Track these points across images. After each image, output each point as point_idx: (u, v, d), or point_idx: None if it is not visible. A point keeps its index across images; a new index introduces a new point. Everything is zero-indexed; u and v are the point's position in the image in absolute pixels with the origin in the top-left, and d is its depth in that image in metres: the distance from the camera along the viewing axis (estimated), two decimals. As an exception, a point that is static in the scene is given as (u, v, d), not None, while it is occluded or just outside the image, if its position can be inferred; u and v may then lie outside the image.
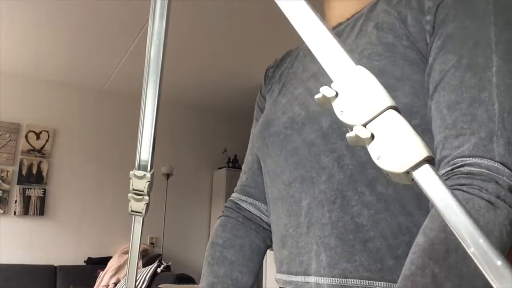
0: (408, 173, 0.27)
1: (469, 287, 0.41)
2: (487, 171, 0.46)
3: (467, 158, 0.47)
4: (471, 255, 0.24)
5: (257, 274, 0.75)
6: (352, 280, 0.55)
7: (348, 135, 0.30)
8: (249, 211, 0.77)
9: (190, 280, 3.29)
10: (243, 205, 0.78)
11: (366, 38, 0.61)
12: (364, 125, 0.29)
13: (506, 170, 0.46)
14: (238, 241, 0.74)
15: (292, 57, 0.79)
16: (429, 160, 0.27)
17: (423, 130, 0.54)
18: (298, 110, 0.64)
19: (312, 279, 0.59)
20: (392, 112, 0.29)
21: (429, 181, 0.27)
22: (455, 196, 0.26)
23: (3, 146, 3.94)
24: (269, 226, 0.77)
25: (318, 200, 0.59)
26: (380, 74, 0.55)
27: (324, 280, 0.57)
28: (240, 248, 0.74)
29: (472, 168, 0.46)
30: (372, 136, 0.29)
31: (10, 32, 3.24)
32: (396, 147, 0.28)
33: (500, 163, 0.46)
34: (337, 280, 0.55)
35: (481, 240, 0.24)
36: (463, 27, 0.53)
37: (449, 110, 0.50)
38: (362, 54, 0.59)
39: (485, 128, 0.48)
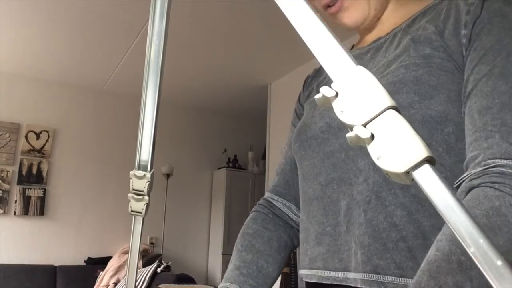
0: (408, 173, 0.27)
1: None
2: None
3: (499, 160, 0.49)
4: (471, 255, 0.24)
5: (282, 267, 0.79)
6: (383, 276, 0.57)
7: (348, 135, 0.30)
8: (280, 209, 0.82)
9: (190, 280, 3.29)
10: (274, 203, 0.82)
11: (404, 50, 0.64)
12: (364, 125, 0.29)
13: None
14: (267, 233, 0.79)
15: None
16: (429, 160, 0.27)
17: (457, 137, 0.57)
18: (335, 116, 0.66)
19: (351, 275, 0.62)
20: (392, 112, 0.29)
21: (429, 181, 0.27)
22: (455, 196, 0.26)
23: (3, 146, 3.94)
24: (298, 225, 0.80)
25: (356, 200, 0.62)
26: (417, 83, 0.58)
27: (358, 276, 0.60)
28: (268, 240, 0.78)
29: (503, 169, 0.48)
30: (372, 136, 0.29)
31: (10, 32, 3.24)
32: (396, 147, 0.28)
33: None
34: (369, 276, 0.58)
35: (481, 240, 0.24)
36: (498, 40, 0.56)
37: (480, 114, 0.53)
38: (400, 64, 0.62)
39: None
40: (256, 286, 0.73)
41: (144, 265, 3.52)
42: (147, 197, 0.50)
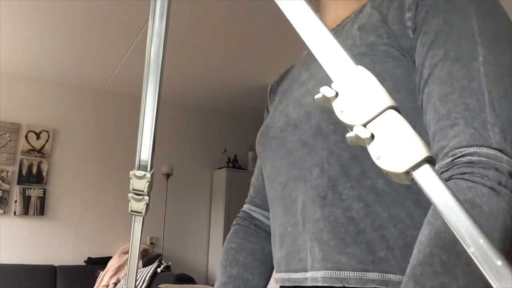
0: (408, 173, 0.27)
1: (478, 274, 0.42)
2: (486, 159, 0.46)
3: (466, 148, 0.48)
4: (471, 255, 0.25)
5: (269, 277, 0.78)
6: (345, 272, 0.55)
7: (348, 135, 0.30)
8: (259, 220, 0.81)
9: (190, 280, 3.29)
10: (254, 214, 0.82)
11: (350, 40, 0.63)
12: (364, 125, 0.29)
13: (504, 156, 0.47)
14: (250, 246, 0.79)
15: (294, 68, 0.82)
16: (429, 160, 0.27)
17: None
18: (292, 113, 0.66)
19: (308, 274, 0.60)
20: (392, 112, 0.29)
21: (429, 181, 0.27)
22: (455, 196, 0.26)
23: (3, 146, 3.94)
24: None
25: (309, 196, 0.60)
26: None
27: (318, 274, 0.58)
28: (251, 252, 0.78)
29: (472, 157, 0.47)
30: (372, 136, 0.29)
31: (10, 32, 3.24)
32: (396, 147, 0.28)
33: (498, 150, 0.47)
34: (330, 273, 0.56)
35: (481, 240, 0.24)
36: (445, 22, 0.55)
37: (441, 101, 0.52)
38: None
39: (478, 117, 0.49)
40: None
41: (144, 265, 3.52)
42: (147, 197, 0.50)
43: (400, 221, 0.55)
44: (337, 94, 0.30)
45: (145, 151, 0.49)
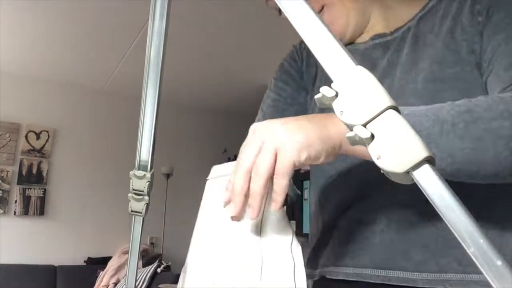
0: (408, 173, 0.27)
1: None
2: None
3: None
4: (471, 255, 0.24)
5: None
6: (448, 274, 0.58)
7: (348, 135, 0.30)
8: None
9: (190, 280, 3.28)
10: None
11: (430, 49, 0.65)
12: (364, 125, 0.29)
13: None
14: None
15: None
16: (429, 160, 0.27)
17: None
18: None
19: (403, 274, 0.63)
20: (392, 112, 0.29)
21: (429, 181, 0.27)
22: (455, 196, 0.26)
23: (3, 146, 3.94)
24: None
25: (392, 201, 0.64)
26: (455, 80, 0.60)
27: (420, 276, 0.60)
28: None
29: None
30: (372, 136, 0.29)
31: (10, 32, 3.24)
32: (396, 147, 0.28)
33: None
34: (433, 275, 0.59)
35: (481, 240, 0.24)
36: (506, 15, 0.59)
37: (505, 70, 0.56)
38: (432, 60, 0.63)
39: None
40: None
41: (144, 265, 3.52)
42: (147, 197, 0.50)
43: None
44: (337, 94, 0.30)
45: (145, 151, 0.49)
